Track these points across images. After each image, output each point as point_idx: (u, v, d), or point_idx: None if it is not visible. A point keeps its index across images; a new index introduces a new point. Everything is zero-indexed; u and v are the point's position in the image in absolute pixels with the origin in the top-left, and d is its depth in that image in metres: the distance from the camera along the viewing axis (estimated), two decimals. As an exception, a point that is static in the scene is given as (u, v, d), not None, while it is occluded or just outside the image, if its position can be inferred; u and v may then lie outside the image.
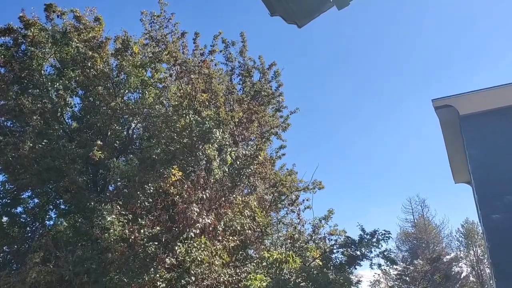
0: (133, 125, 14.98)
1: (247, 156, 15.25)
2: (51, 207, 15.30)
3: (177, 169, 11.90)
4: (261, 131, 17.54)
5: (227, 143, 13.32)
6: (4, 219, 14.84)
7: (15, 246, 14.64)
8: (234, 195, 14.47)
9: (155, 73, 14.39)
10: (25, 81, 14.24)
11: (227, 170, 13.38)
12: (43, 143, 13.10)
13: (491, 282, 16.56)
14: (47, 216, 15.40)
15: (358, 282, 16.36)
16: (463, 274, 44.14)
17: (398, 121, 68.81)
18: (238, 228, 13.69)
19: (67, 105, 14.64)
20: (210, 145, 12.67)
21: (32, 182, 13.02)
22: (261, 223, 15.36)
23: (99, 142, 12.78)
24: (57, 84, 14.12)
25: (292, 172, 19.54)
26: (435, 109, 13.00)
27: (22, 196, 14.92)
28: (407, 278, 32.99)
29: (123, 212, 10.93)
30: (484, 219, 12.24)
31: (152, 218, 11.46)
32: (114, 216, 10.47)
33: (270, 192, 18.22)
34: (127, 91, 14.90)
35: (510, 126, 12.30)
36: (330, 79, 62.48)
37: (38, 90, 14.17)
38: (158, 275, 10.36)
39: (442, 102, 12.95)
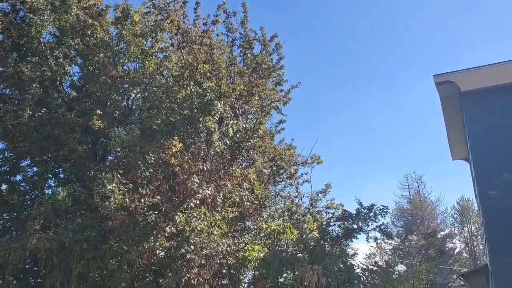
0: (132, 95, 14.92)
1: (247, 130, 15.27)
2: (50, 175, 15.37)
3: (177, 140, 11.91)
4: (262, 105, 17.48)
5: (227, 115, 13.28)
6: (4, 186, 14.90)
7: (15, 214, 14.76)
8: (233, 168, 14.54)
9: (155, 43, 14.23)
10: (24, 49, 14.09)
11: (228, 142, 13.40)
12: (43, 112, 13.04)
13: (484, 257, 16.81)
14: (46, 185, 15.49)
15: (354, 254, 16.60)
16: (457, 250, 44.88)
17: (397, 97, 68.73)
18: (237, 200, 13.81)
19: (66, 73, 14.53)
20: (211, 117, 12.65)
21: (32, 150, 13.01)
22: (259, 196, 15.49)
23: (98, 111, 12.74)
24: (56, 52, 13.98)
25: (291, 146, 19.59)
26: (436, 85, 12.94)
27: (21, 165, 14.96)
28: (401, 254, 33.50)
29: (124, 181, 10.98)
30: (481, 195, 12.33)
31: (153, 188, 11.53)
32: (114, 185, 10.52)
33: (269, 165, 18.31)
34: (127, 60, 14.78)
35: (510, 103, 12.28)
36: (330, 51, 62.04)
37: (37, 58, 14.03)
38: (158, 244, 10.48)
39: (444, 78, 12.88)
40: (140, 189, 11.13)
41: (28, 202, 14.92)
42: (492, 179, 12.13)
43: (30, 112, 12.64)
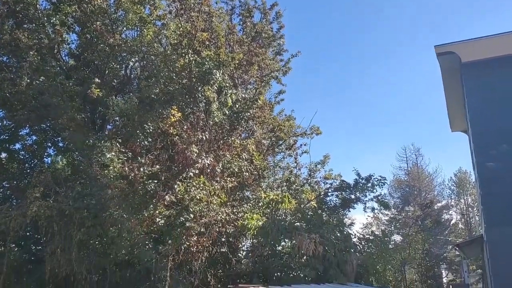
0: (131, 63, 14.77)
1: (246, 100, 15.19)
2: (49, 144, 15.38)
3: (176, 109, 11.86)
4: (261, 75, 17.36)
5: (226, 85, 13.20)
6: (3, 155, 14.93)
7: (15, 182, 14.83)
8: (232, 138, 14.55)
9: (153, 10, 13.99)
10: (20, 15, 13.86)
11: (227, 112, 13.36)
12: (41, 80, 12.94)
13: (480, 228, 17.04)
14: (46, 154, 15.52)
15: (351, 224, 16.84)
16: (453, 221, 45.38)
17: (398, 68, 68.21)
18: (236, 170, 13.88)
19: (64, 41, 14.35)
20: (210, 87, 12.57)
21: (30, 118, 12.98)
22: (258, 166, 15.56)
23: (97, 80, 12.63)
24: (54, 19, 13.77)
25: (291, 117, 19.56)
26: (437, 55, 12.82)
27: (20, 133, 14.95)
28: (398, 225, 33.91)
29: (123, 150, 11.00)
30: (479, 167, 12.39)
31: (152, 157, 11.56)
32: (113, 154, 10.54)
33: (268, 136, 18.32)
34: (125, 28, 14.56)
35: (511, 75, 12.20)
36: (331, 22, 61.21)
37: (34, 25, 13.83)
38: (157, 212, 10.58)
39: (445, 48, 12.75)
40: (139, 158, 11.16)
41: (28, 171, 14.98)
42: (490, 150, 12.17)
43: (28, 80, 12.54)
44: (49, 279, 11.33)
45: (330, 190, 17.43)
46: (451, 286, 25.13)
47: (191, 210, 11.11)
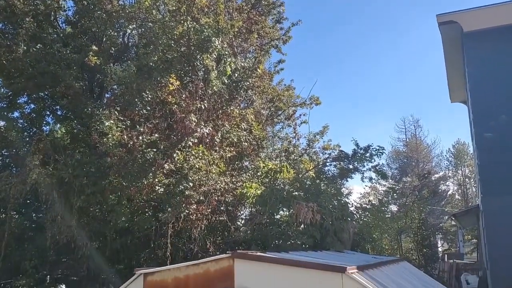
0: (128, 31, 14.57)
1: (245, 69, 15.06)
2: (48, 113, 15.31)
3: (174, 78, 11.77)
4: (261, 43, 17.16)
5: (225, 53, 13.05)
6: (1, 123, 14.88)
7: (14, 150, 14.84)
8: (231, 108, 14.50)
9: (151, -25, 13.68)
10: (15, -19, 13.57)
11: (226, 81, 13.26)
12: (37, 47, 12.79)
13: (477, 199, 17.20)
14: (44, 122, 15.47)
15: (349, 193, 16.99)
16: (449, 192, 45.84)
17: (399, 38, 67.48)
18: (235, 140, 13.89)
19: (60, 8, 14.12)
20: (208, 55, 12.43)
21: (28, 86, 12.89)
22: (257, 136, 15.57)
23: (94, 47, 12.49)
24: (49, -16, 13.49)
25: (290, 87, 19.45)
26: (439, 25, 12.67)
27: (18, 101, 14.86)
28: (395, 195, 34.19)
29: (121, 118, 10.97)
30: (477, 137, 12.42)
31: (151, 126, 11.54)
32: (112, 122, 10.52)
33: (267, 106, 18.27)
34: (122, -6, 14.30)
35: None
36: (332, -7, 60.18)
37: (29, -9, 13.55)
38: (156, 180, 10.64)
39: (447, 17, 12.58)
40: (137, 126, 11.14)
41: (27, 139, 14.96)
42: (489, 121, 12.17)
43: (25, 47, 12.39)
44: (50, 246, 11.49)
45: (328, 160, 17.51)
46: (446, 255, 25.54)
47: (190, 178, 11.17)
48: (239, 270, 6.00)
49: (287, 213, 13.47)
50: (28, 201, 13.64)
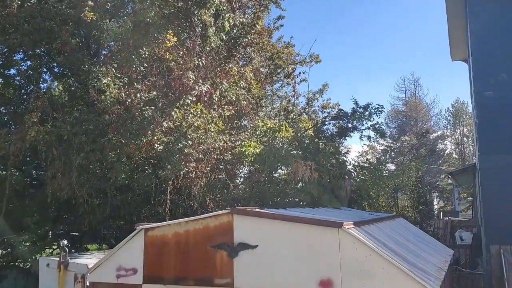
0: (125, -15, 14.18)
1: (244, 25, 14.80)
2: (44, 70, 15.13)
3: (171, 34, 11.58)
4: (260, -3, 16.77)
5: (224, 8, 12.78)
6: (-2, 80, 14.75)
7: (12, 108, 14.79)
8: (230, 65, 14.35)
9: None
10: None
11: (224, 38, 13.05)
12: (32, 2, 12.49)
13: (474, 158, 17.33)
14: (42, 79, 15.32)
15: (347, 152, 17.08)
16: (447, 151, 46.13)
17: (401, -4, 66.04)
18: (233, 98, 13.82)
19: (54, -39, 13.67)
20: (206, 10, 12.18)
21: (24, 42, 12.67)
22: (256, 95, 15.51)
23: (90, 2, 12.18)
24: None
25: (290, 45, 19.20)
26: (442, -20, 12.41)
27: (14, 58, 14.67)
28: (393, 154, 34.37)
29: (119, 76, 10.87)
30: (477, 95, 12.39)
31: (148, 83, 11.46)
32: (109, 79, 10.43)
33: (266, 64, 18.09)
34: None
35: (517, 2, 11.88)
36: None
37: None
38: (155, 138, 10.66)
39: (451, -28, 12.33)
40: (135, 84, 11.05)
41: (24, 97, 14.87)
42: (489, 79, 12.12)
43: (19, 2, 12.10)
44: (51, 202, 11.64)
45: (327, 119, 17.53)
46: (441, 213, 25.96)
47: (189, 137, 11.20)
48: (238, 226, 6.10)
49: (285, 171, 13.59)
50: (28, 159, 13.70)
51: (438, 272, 6.20)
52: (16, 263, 13.44)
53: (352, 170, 15.20)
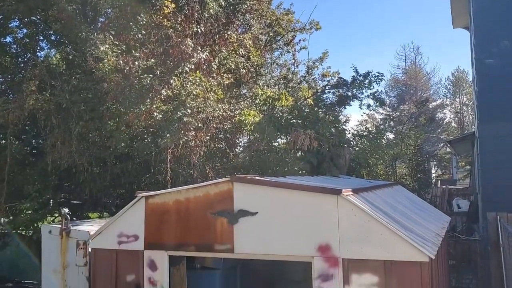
0: None
1: (243, -10, 14.54)
2: (41, 37, 14.93)
3: (170, 0, 11.39)
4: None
5: (222, -28, 12.53)
6: (-6, 48, 14.55)
7: (9, 76, 14.66)
8: (228, 33, 14.18)
9: None
10: None
11: (223, 3, 12.83)
12: (26, -33, 12.21)
13: (473, 126, 17.35)
14: (38, 47, 15.14)
15: (346, 121, 17.10)
16: (446, 120, 46.16)
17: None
18: (233, 66, 13.72)
19: None
20: (204, -25, 11.95)
21: (19, 9, 12.44)
22: (255, 63, 15.38)
23: (86, -32, 11.96)
24: None
25: (290, 11, 18.91)
26: None
27: (10, 26, 14.44)
28: (392, 123, 34.41)
29: (116, 43, 10.75)
30: (478, 63, 12.32)
31: (146, 51, 11.34)
32: (107, 46, 10.31)
33: (266, 31, 17.86)
34: None
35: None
36: None
37: None
38: (154, 106, 10.63)
39: None
40: (133, 51, 10.94)
41: (22, 65, 14.71)
42: (490, 47, 12.04)
43: (12, -34, 11.83)
44: (51, 171, 11.68)
45: (327, 88, 17.45)
46: (439, 181, 26.18)
47: (188, 105, 11.16)
48: (238, 193, 6.16)
49: (285, 140, 13.62)
50: (27, 128, 13.68)
51: (435, 238, 6.30)
52: (19, 231, 13.60)
53: (351, 139, 15.24)
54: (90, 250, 7.08)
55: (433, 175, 32.14)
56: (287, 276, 10.83)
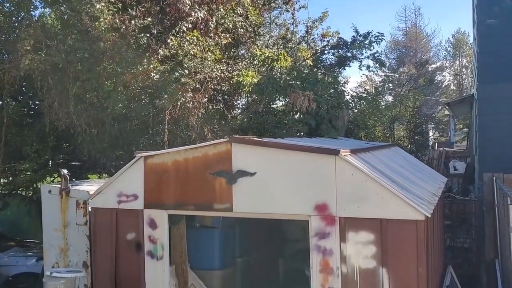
0: None
1: None
2: (35, -5, 14.56)
3: (166, -43, 11.08)
4: None
5: None
6: (-14, 7, 14.22)
7: (3, 36, 14.39)
8: (226, -9, 13.82)
9: None
10: None
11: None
12: None
13: (472, 89, 17.29)
14: (32, 6, 14.77)
15: (345, 82, 16.99)
16: (445, 83, 45.95)
17: None
18: (230, 26, 13.45)
19: None
20: None
21: (10, -34, 12.11)
22: (253, 22, 15.07)
23: None
24: None
25: (288, -34, 18.40)
26: None
27: (2, -17, 14.07)
28: (391, 85, 34.25)
29: (112, 1, 10.50)
30: (479, 24, 12.16)
31: (143, 9, 11.10)
32: (103, 4, 10.08)
33: (264, -11, 17.44)
34: None
35: None
36: None
37: None
38: (151, 66, 10.51)
39: None
40: (129, 10, 10.71)
41: (16, 24, 14.39)
42: (492, 6, 11.87)
43: None
44: (49, 132, 11.66)
45: (326, 48, 17.22)
46: (436, 144, 26.29)
47: (186, 65, 11.03)
48: (237, 154, 6.18)
49: (284, 102, 13.57)
50: (23, 89, 13.56)
51: (431, 198, 6.38)
52: (19, 191, 13.72)
53: (350, 101, 15.18)
54: (90, 209, 7.15)
55: (431, 137, 32.26)
56: (285, 236, 11.05)
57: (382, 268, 5.38)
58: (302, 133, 12.29)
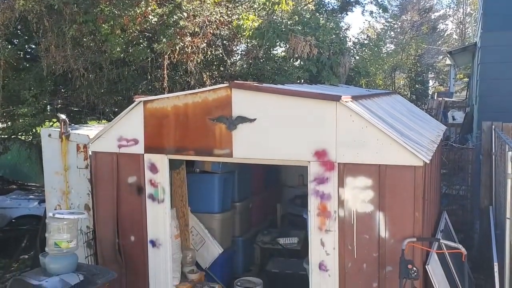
0: None
1: None
2: None
3: None
4: None
5: None
6: None
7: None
8: None
9: None
10: None
11: None
12: None
13: (475, 37, 17.02)
14: None
15: (347, 28, 16.67)
16: (448, 32, 45.15)
17: None
18: (230, -34, 13.02)
19: None
20: None
21: None
22: (254, -39, 14.55)
23: None
24: None
25: None
26: None
27: None
28: (393, 34, 33.68)
29: None
30: (487, -31, 11.80)
31: None
32: None
33: None
34: None
35: None
36: None
37: None
38: (149, 9, 10.26)
39: None
40: None
41: (7, -36, 13.91)
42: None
43: None
44: (47, 76, 11.53)
45: (329, -9, 16.78)
46: (436, 94, 26.20)
47: (184, 8, 10.77)
48: (236, 99, 6.14)
49: (284, 48, 13.35)
50: (19, 32, 13.28)
51: (430, 144, 6.43)
52: (18, 136, 13.74)
53: (352, 47, 14.96)
54: (90, 153, 7.19)
55: (431, 87, 32.08)
56: (283, 182, 11.24)
57: (379, 212, 5.49)
58: (302, 80, 12.19)
